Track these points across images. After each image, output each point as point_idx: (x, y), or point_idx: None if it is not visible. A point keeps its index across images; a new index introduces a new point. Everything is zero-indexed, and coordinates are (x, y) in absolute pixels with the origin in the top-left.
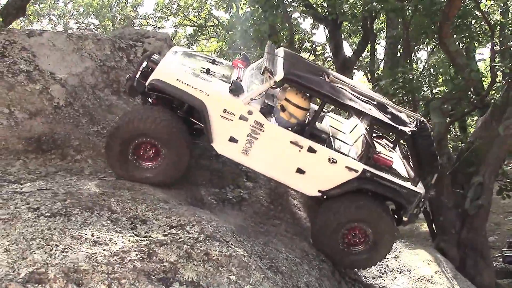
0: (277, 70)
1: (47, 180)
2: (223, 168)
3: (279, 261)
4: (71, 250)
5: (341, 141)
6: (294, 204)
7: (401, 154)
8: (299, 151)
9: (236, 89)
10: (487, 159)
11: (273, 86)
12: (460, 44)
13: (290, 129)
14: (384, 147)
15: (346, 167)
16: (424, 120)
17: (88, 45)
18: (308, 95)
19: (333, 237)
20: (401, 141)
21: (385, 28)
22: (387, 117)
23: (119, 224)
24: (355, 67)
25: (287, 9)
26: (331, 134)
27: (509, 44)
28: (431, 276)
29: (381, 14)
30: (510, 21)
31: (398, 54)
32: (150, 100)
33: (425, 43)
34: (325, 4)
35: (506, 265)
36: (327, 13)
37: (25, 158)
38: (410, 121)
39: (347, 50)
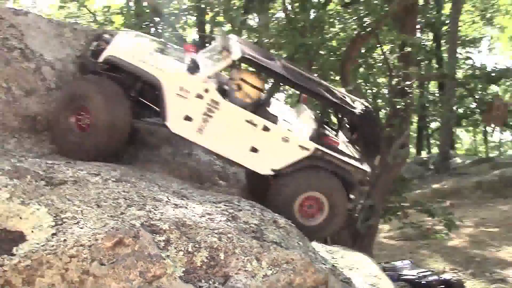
0: (233, 50)
1: (55, 158)
2: (197, 166)
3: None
4: (161, 210)
5: (290, 123)
6: None
7: (344, 139)
8: (254, 130)
9: (193, 67)
10: (377, 184)
11: (230, 65)
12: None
13: (245, 108)
14: (329, 132)
15: (299, 146)
16: (368, 104)
17: (66, 33)
18: (262, 75)
19: (288, 208)
20: (349, 123)
21: None
22: (336, 100)
23: (173, 194)
24: None
25: None
26: (280, 118)
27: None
28: (377, 274)
29: None
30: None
31: None
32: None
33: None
34: None
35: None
36: None
37: (19, 136)
38: (356, 106)
39: None
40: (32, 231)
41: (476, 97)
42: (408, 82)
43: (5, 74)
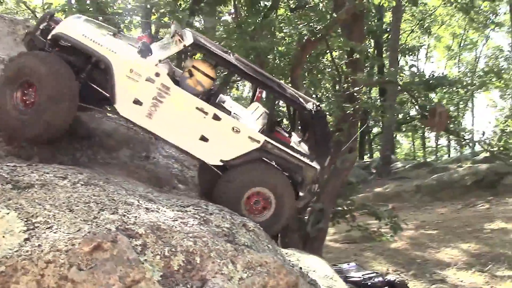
0: (186, 36)
1: (13, 160)
2: (156, 169)
3: None
4: (134, 213)
5: (241, 117)
6: None
7: (296, 140)
8: (204, 117)
9: (145, 50)
10: (326, 188)
11: (182, 50)
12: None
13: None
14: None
15: (249, 137)
16: (319, 104)
17: (19, 30)
18: (214, 65)
19: (236, 204)
20: (301, 121)
21: None
22: (288, 95)
23: (141, 198)
24: None
25: None
26: (232, 112)
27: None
28: (332, 276)
29: None
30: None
31: None
32: None
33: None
34: None
35: None
36: None
37: None
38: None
39: None
40: (4, 236)
41: (419, 103)
42: (356, 88)
43: None
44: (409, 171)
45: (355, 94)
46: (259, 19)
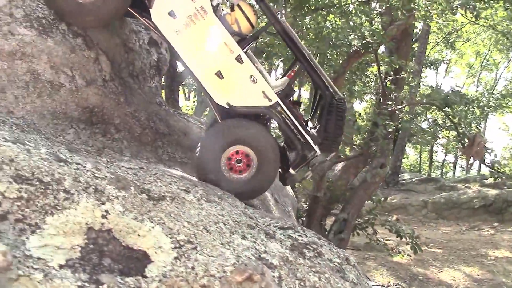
0: None
1: (113, 157)
2: None
3: None
4: (260, 240)
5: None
6: None
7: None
8: (228, 55)
9: None
10: (352, 199)
11: None
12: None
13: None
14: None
15: (263, 92)
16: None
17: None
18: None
19: (216, 160)
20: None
21: None
22: (318, 71)
23: (247, 216)
24: None
25: None
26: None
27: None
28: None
29: None
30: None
31: None
32: None
33: None
34: None
35: None
36: None
37: (77, 127)
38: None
39: None
40: (156, 252)
41: (460, 130)
42: (399, 106)
43: (70, 61)
44: (416, 184)
45: (396, 112)
46: (308, 22)
